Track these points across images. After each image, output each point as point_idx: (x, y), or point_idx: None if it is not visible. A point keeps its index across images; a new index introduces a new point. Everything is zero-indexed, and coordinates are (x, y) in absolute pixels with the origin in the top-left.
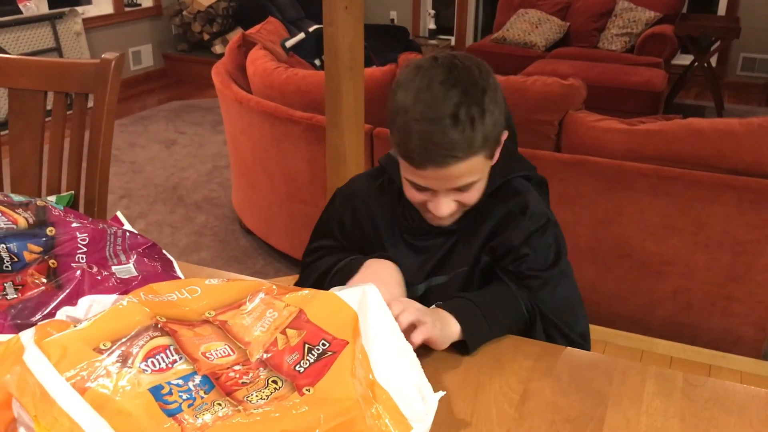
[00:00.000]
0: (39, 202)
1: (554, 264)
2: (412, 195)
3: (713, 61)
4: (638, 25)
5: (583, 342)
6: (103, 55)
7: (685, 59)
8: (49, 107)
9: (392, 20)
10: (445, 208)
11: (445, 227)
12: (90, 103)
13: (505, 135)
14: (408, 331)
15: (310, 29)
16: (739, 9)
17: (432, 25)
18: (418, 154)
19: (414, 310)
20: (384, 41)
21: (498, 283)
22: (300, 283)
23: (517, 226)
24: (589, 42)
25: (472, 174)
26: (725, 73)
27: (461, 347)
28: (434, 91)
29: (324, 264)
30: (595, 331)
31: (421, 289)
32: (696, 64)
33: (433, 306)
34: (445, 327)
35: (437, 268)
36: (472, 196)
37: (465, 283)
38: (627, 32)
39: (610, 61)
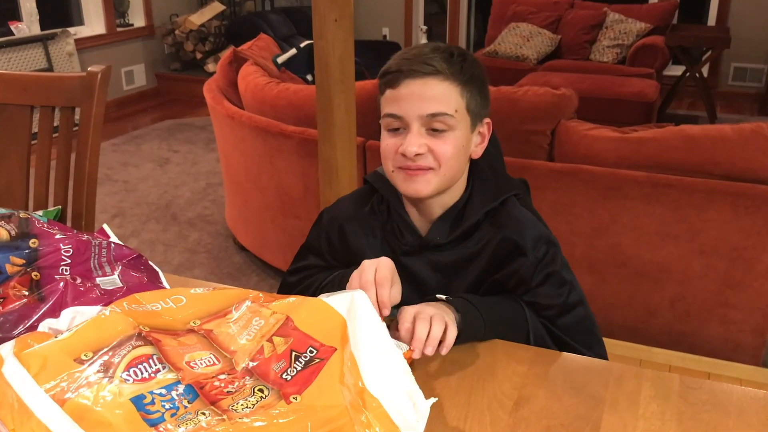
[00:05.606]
0: (22, 214)
1: (566, 290)
2: (387, 145)
3: (705, 71)
4: (629, 36)
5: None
6: (89, 68)
7: (676, 70)
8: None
9: (384, 36)
10: (414, 142)
11: (438, 242)
12: (77, 117)
13: (488, 124)
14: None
15: (302, 45)
16: (729, 19)
17: (424, 41)
18: (395, 66)
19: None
20: (376, 57)
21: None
22: None
23: (523, 255)
24: (580, 54)
25: (447, 103)
26: (717, 82)
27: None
28: (422, 46)
29: (314, 284)
30: None
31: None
32: (688, 74)
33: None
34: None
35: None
36: (445, 149)
37: None
38: (618, 44)
39: (602, 73)
